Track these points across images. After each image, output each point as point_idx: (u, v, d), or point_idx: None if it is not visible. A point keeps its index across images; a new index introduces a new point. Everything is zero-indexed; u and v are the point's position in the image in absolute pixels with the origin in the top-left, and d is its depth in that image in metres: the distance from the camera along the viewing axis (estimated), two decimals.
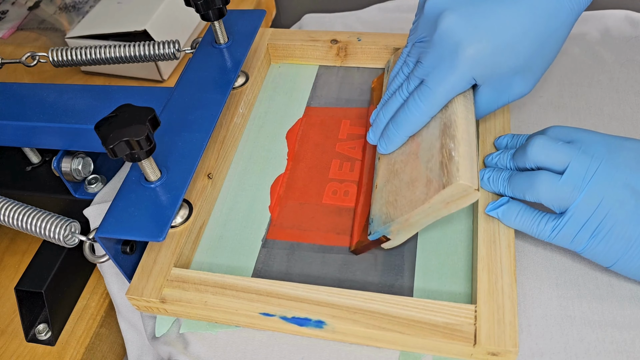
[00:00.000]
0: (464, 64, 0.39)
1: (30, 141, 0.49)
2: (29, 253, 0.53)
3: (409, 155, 0.42)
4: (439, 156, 0.38)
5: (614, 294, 0.39)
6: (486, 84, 0.41)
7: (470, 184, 0.35)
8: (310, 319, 0.37)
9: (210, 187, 0.47)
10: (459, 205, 0.37)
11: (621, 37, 0.58)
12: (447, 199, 0.37)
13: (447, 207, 0.37)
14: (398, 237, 0.40)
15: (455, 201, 0.37)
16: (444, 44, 0.39)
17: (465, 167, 0.36)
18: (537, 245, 0.42)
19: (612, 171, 0.36)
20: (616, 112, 0.50)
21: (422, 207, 0.37)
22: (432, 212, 0.38)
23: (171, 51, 0.53)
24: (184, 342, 0.41)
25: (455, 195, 0.36)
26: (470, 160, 0.37)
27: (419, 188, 0.39)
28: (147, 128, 0.36)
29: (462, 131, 0.39)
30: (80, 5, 0.79)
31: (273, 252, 0.44)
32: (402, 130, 0.42)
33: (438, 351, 0.37)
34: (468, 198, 0.36)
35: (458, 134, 0.38)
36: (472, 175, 0.36)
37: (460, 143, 0.38)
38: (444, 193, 0.36)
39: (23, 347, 0.47)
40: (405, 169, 0.41)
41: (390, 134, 0.43)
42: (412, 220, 0.39)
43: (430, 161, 0.39)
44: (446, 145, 0.38)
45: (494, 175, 0.41)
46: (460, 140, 0.38)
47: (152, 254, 0.42)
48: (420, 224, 0.39)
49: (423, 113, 0.41)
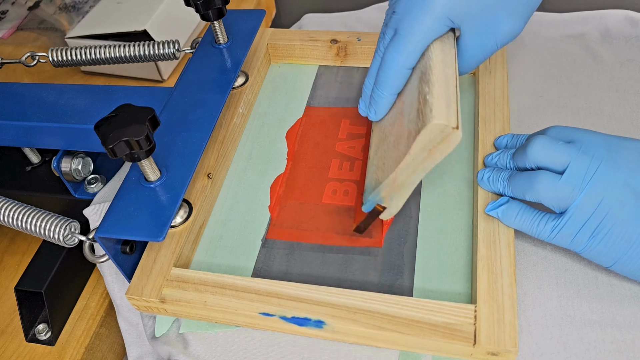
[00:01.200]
0: (436, 2, 0.36)
1: (30, 141, 0.49)
2: (29, 253, 0.53)
3: (396, 116, 0.40)
4: (417, 104, 0.36)
5: (614, 294, 0.39)
6: (467, 24, 0.38)
7: (446, 123, 0.33)
8: (310, 319, 0.37)
9: (210, 187, 0.47)
10: (443, 151, 0.35)
11: (621, 37, 0.58)
12: (427, 145, 0.35)
13: (431, 155, 0.35)
14: (392, 203, 0.39)
15: (437, 146, 0.35)
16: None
17: (440, 106, 0.34)
18: (537, 245, 0.42)
19: (612, 171, 0.36)
20: (616, 112, 0.50)
21: (404, 161, 0.35)
22: (417, 165, 0.36)
23: (171, 51, 0.53)
24: (183, 342, 0.41)
25: (434, 139, 0.34)
26: (447, 99, 0.35)
27: (402, 143, 0.37)
28: (146, 128, 0.36)
29: (437, 74, 0.36)
30: (80, 5, 0.79)
31: (273, 252, 0.44)
32: (384, 89, 0.40)
33: (438, 351, 0.37)
34: (449, 140, 0.34)
35: (433, 77, 0.36)
36: (448, 114, 0.34)
37: (434, 85, 0.35)
38: (421, 138, 0.34)
39: (23, 347, 0.47)
40: (392, 130, 0.40)
41: (376, 96, 0.41)
42: (399, 179, 0.37)
43: (411, 113, 0.37)
44: (422, 91, 0.36)
45: (494, 175, 0.41)
46: (435, 82, 0.36)
47: (151, 253, 0.42)
48: (410, 182, 0.37)
49: (400, 65, 0.38)
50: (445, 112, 0.34)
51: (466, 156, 0.48)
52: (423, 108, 0.35)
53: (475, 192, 0.43)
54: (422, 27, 0.37)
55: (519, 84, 0.54)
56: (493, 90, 0.49)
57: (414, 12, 0.37)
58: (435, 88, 0.35)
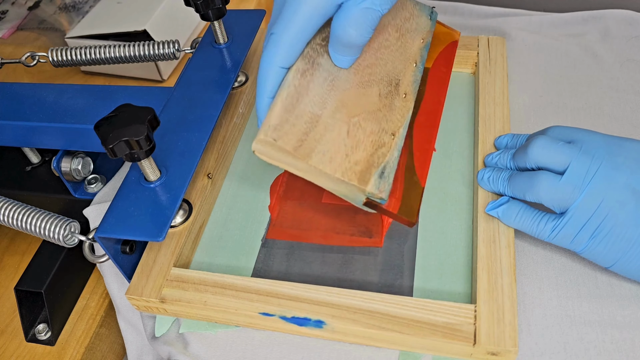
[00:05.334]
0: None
1: (30, 141, 0.49)
2: (29, 253, 0.53)
3: None
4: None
5: (614, 293, 0.39)
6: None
7: (260, 137, 0.35)
8: (310, 319, 0.37)
9: (210, 187, 0.47)
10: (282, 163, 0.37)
11: (621, 37, 0.58)
12: (272, 160, 0.36)
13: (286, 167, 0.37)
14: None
15: (279, 162, 0.36)
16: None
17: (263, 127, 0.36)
18: (537, 245, 0.42)
19: (613, 172, 0.36)
20: (616, 112, 0.50)
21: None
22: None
23: (171, 51, 0.53)
24: (183, 342, 0.41)
25: (274, 156, 0.36)
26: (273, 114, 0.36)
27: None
28: (146, 128, 0.36)
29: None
30: (80, 5, 0.79)
31: (273, 251, 0.44)
32: (259, 92, 0.38)
33: (438, 351, 0.37)
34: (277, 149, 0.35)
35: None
36: (265, 129, 0.35)
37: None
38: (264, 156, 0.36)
39: (23, 347, 0.47)
40: None
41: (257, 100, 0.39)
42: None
43: None
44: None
45: (494, 175, 0.41)
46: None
47: (151, 253, 0.42)
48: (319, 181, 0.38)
49: (274, 64, 0.37)
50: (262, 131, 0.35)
51: (466, 156, 0.48)
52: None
53: (475, 192, 0.43)
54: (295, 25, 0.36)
55: (519, 84, 0.54)
56: (493, 90, 0.49)
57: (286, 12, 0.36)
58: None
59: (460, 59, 0.54)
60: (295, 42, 0.37)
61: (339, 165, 0.37)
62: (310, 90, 0.38)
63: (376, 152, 0.39)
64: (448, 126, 0.50)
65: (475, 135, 0.48)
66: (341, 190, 0.38)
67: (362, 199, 0.38)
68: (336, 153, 0.37)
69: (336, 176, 0.36)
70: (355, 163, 0.37)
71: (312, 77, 0.39)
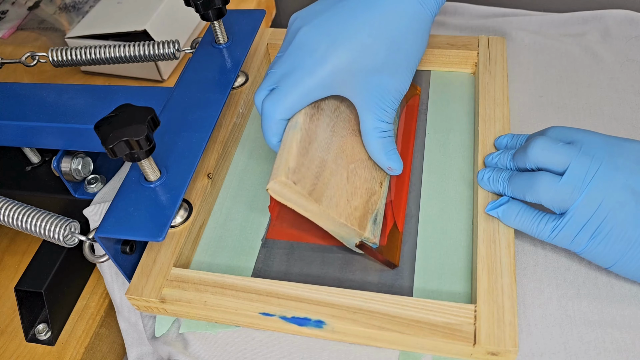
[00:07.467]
0: (321, 67, 0.39)
1: (30, 141, 0.49)
2: (29, 253, 0.53)
3: None
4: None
5: (614, 294, 0.39)
6: (351, 89, 0.40)
7: (280, 179, 0.36)
8: (310, 319, 0.37)
9: (210, 187, 0.47)
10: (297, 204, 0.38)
11: (621, 37, 0.58)
12: (283, 199, 0.38)
13: (297, 208, 0.38)
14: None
15: (288, 201, 0.38)
16: (299, 51, 0.40)
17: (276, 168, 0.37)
18: (537, 245, 0.42)
19: (612, 173, 0.36)
20: (616, 112, 0.50)
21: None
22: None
23: (171, 51, 0.53)
24: (183, 342, 0.41)
25: (289, 197, 0.37)
26: (283, 157, 0.38)
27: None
28: (146, 128, 0.36)
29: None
30: (80, 5, 0.79)
31: (273, 252, 0.44)
32: (266, 136, 0.42)
33: (438, 351, 0.37)
34: (292, 190, 0.37)
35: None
36: (277, 172, 0.37)
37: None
38: (282, 198, 0.38)
39: (23, 347, 0.47)
40: None
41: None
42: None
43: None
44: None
45: (494, 176, 0.41)
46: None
47: (151, 253, 0.42)
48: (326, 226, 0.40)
49: (271, 118, 0.41)
50: (276, 172, 0.37)
51: (466, 156, 0.48)
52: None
53: (475, 192, 0.43)
54: (304, 86, 0.40)
55: (519, 84, 0.54)
56: (493, 90, 0.49)
57: (296, 73, 0.40)
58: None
59: (460, 59, 0.54)
60: (297, 105, 0.40)
61: (343, 210, 0.39)
62: (317, 135, 0.41)
63: (370, 200, 0.42)
64: (448, 126, 0.50)
65: (475, 135, 0.48)
66: (339, 232, 0.40)
67: (356, 241, 0.40)
68: (340, 198, 0.39)
69: (341, 221, 0.39)
70: (355, 209, 0.40)
71: (318, 122, 0.42)
